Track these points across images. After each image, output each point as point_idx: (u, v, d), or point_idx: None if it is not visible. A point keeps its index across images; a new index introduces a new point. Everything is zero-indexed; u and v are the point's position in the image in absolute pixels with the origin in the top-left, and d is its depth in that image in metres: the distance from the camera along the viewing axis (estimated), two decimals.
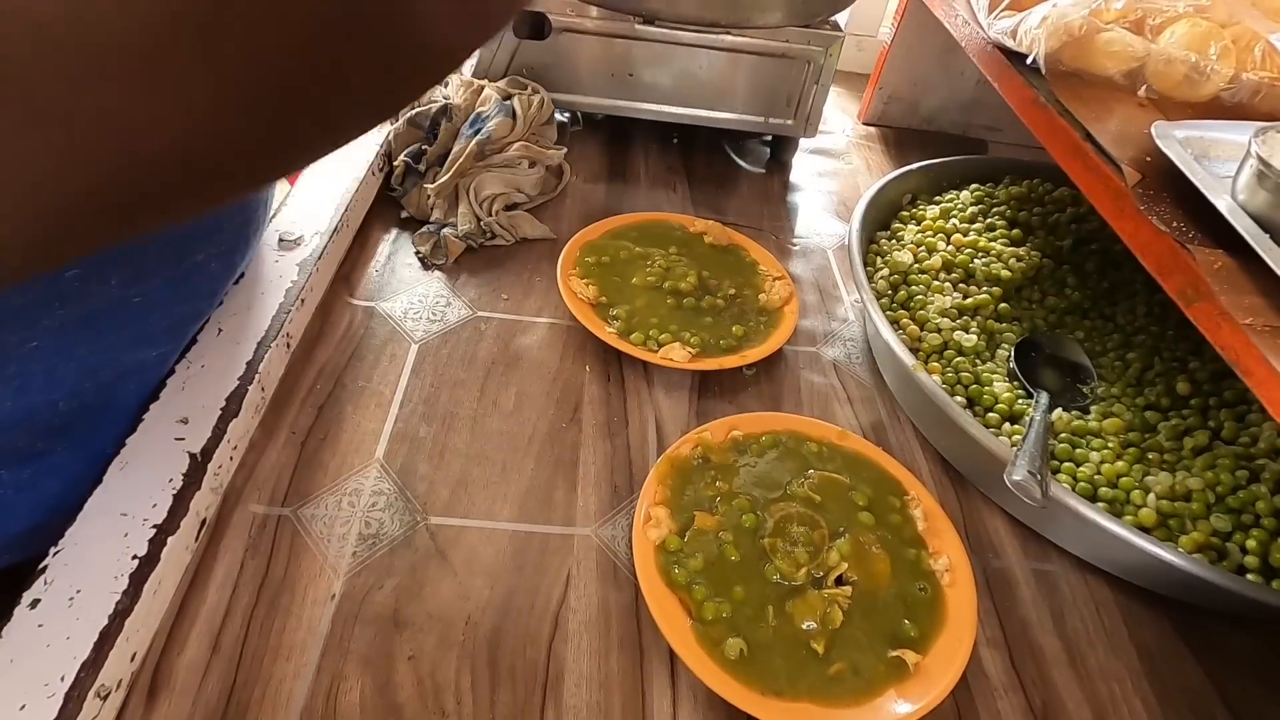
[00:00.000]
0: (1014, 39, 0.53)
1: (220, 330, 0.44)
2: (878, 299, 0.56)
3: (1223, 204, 0.39)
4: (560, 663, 0.37)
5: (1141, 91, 0.50)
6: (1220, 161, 0.43)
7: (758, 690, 0.36)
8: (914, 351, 0.53)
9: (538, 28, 0.69)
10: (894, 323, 0.55)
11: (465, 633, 0.37)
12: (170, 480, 0.36)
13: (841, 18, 0.71)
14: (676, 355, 0.52)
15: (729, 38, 0.68)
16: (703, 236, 0.64)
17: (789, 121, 0.74)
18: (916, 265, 0.59)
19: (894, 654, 0.38)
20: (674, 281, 0.58)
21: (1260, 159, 0.38)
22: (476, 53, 0.75)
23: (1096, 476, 0.45)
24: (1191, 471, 0.45)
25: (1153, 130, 0.44)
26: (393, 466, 0.44)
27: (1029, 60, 0.51)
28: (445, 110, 0.65)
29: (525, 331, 0.55)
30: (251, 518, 0.40)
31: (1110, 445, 0.47)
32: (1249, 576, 0.40)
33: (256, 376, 0.43)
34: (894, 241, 0.63)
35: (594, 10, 0.67)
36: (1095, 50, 0.49)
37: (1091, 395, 0.52)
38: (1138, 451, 0.47)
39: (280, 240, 0.51)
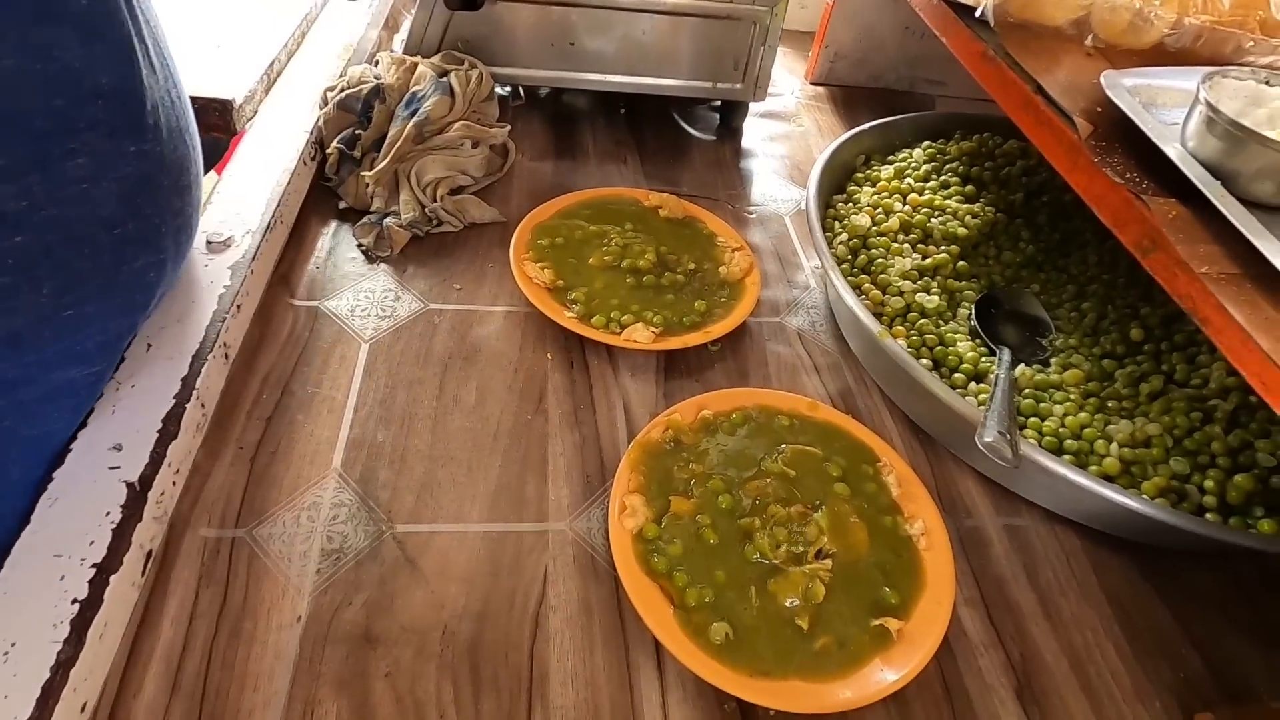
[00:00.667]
0: None
1: (150, 345, 0.41)
2: (838, 264, 0.56)
3: (1173, 152, 0.39)
4: (544, 664, 0.36)
5: (1088, 40, 0.49)
6: (1168, 109, 0.43)
7: (745, 672, 0.36)
8: (877, 316, 0.52)
9: None
10: (856, 288, 0.54)
11: (443, 643, 0.36)
12: (107, 514, 0.33)
13: None
14: (640, 336, 0.50)
15: (671, 0, 0.66)
16: (658, 210, 0.62)
17: (737, 85, 0.72)
18: (875, 228, 0.59)
19: (877, 623, 0.38)
20: (632, 260, 0.56)
21: (1209, 105, 0.38)
22: (405, 28, 0.71)
23: (1061, 429, 0.46)
24: (1149, 417, 0.46)
25: (1102, 80, 0.44)
26: (352, 475, 0.42)
27: (977, 13, 0.50)
28: (377, 91, 0.61)
29: (481, 322, 0.53)
30: (203, 544, 0.38)
31: (1072, 397, 0.48)
32: (1208, 516, 0.42)
33: (195, 393, 0.40)
34: (851, 205, 0.62)
35: None
36: (1043, 0, 0.48)
37: (1051, 348, 0.53)
38: (1098, 401, 0.48)
39: (208, 243, 0.48)
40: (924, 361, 0.49)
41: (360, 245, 0.57)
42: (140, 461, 0.36)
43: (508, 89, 0.75)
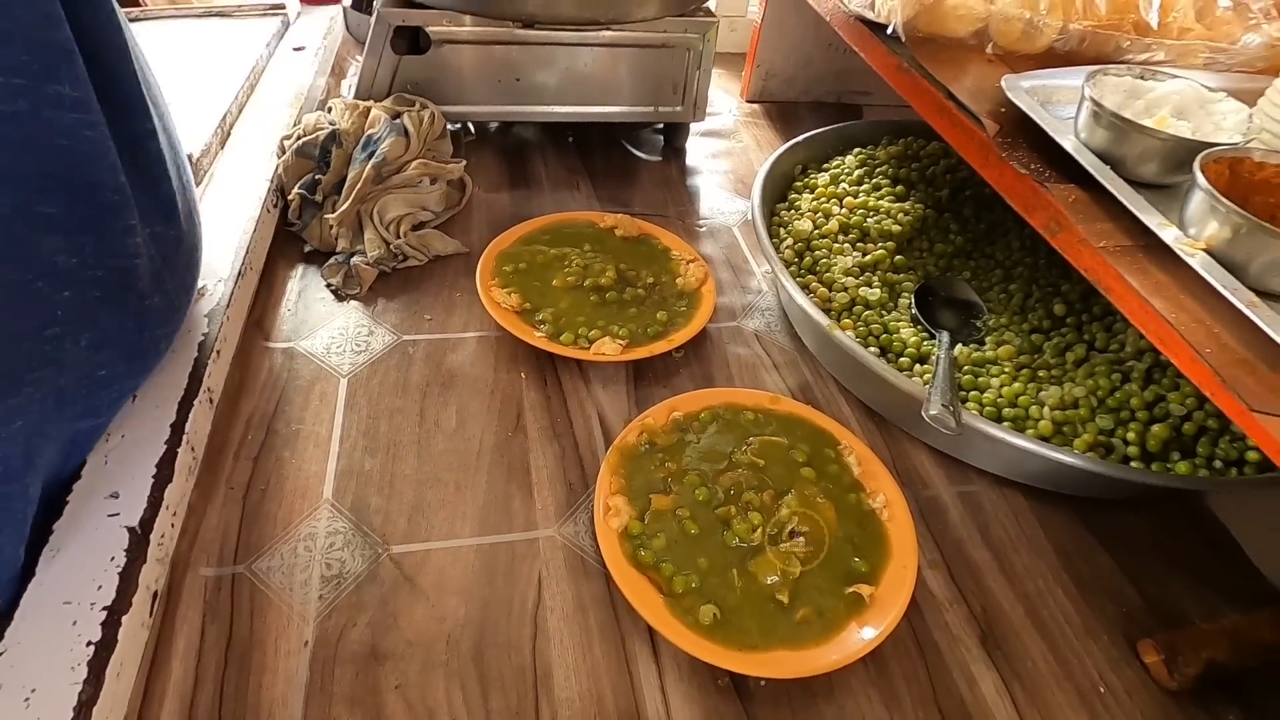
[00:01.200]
0: (873, 10, 0.57)
1: (135, 397, 0.42)
2: (786, 267, 0.60)
3: (1068, 143, 0.44)
4: (546, 661, 0.38)
5: (989, 49, 0.55)
6: (1062, 106, 0.48)
7: (735, 648, 0.38)
8: (826, 311, 0.56)
9: (415, 42, 0.69)
10: (804, 287, 0.58)
11: (448, 652, 0.38)
12: (112, 559, 0.35)
13: (712, 2, 0.74)
14: (608, 349, 0.53)
15: (608, 33, 0.70)
16: (614, 230, 0.65)
17: (678, 108, 0.76)
18: (817, 231, 0.63)
19: (850, 591, 0.41)
20: (593, 278, 0.59)
21: (1093, 100, 0.43)
22: (353, 74, 0.73)
23: (999, 399, 0.51)
24: (1076, 381, 0.51)
25: (1003, 83, 0.49)
26: (344, 504, 0.44)
27: (889, 30, 0.55)
28: (334, 137, 0.63)
29: (455, 349, 0.55)
30: (204, 583, 0.39)
31: (1006, 370, 0.53)
32: (1133, 464, 0.46)
33: (184, 437, 0.41)
34: (793, 211, 0.67)
35: (469, 19, 0.66)
36: (944, 15, 0.54)
37: (985, 328, 0.58)
38: (1030, 372, 0.53)
39: None
40: (872, 349, 0.53)
41: (329, 285, 0.59)
42: (139, 507, 0.37)
43: (459, 125, 0.77)
